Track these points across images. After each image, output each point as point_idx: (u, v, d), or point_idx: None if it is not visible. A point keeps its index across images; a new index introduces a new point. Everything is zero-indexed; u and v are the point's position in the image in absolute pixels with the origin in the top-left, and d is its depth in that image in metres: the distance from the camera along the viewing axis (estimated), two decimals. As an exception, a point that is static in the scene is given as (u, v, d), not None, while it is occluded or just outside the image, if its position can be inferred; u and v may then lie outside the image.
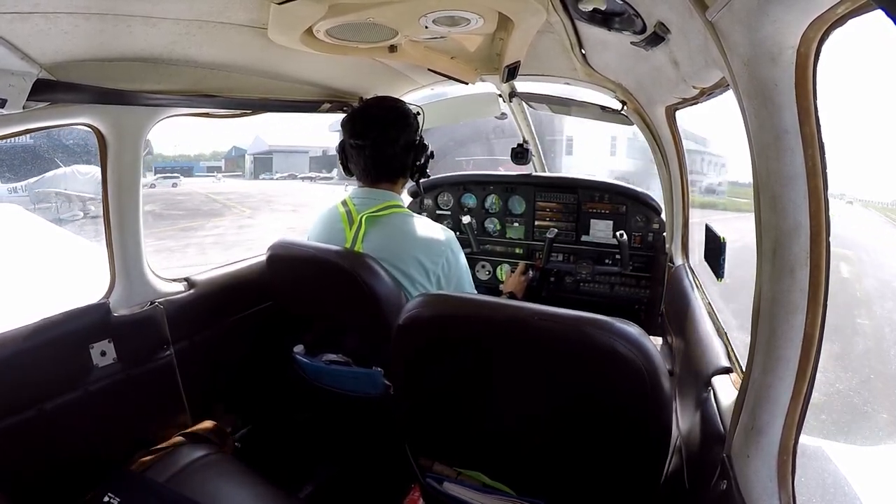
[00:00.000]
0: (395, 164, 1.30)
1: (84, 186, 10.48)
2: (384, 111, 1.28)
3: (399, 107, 1.30)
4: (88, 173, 10.65)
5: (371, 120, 1.27)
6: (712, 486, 0.69)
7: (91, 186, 10.38)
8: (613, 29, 0.94)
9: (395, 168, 1.31)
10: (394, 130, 1.27)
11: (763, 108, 0.57)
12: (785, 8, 0.50)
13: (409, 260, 1.24)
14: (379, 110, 1.29)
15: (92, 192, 10.25)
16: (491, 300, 0.88)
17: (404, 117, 1.29)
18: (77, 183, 10.57)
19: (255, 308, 1.55)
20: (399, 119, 1.28)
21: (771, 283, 0.59)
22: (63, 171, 10.76)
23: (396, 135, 1.27)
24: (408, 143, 1.30)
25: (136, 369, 1.25)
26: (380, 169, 1.30)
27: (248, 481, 1.17)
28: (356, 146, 1.29)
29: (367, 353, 1.29)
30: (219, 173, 27.20)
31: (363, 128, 1.27)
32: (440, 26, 1.04)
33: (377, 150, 1.28)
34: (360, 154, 1.29)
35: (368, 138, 1.27)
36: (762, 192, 0.59)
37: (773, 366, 0.60)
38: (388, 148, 1.27)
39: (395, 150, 1.28)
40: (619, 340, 0.74)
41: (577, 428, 0.85)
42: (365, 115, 1.29)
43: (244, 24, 1.00)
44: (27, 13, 0.75)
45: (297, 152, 26.89)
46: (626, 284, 1.99)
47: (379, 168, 1.30)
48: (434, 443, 1.04)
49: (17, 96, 0.87)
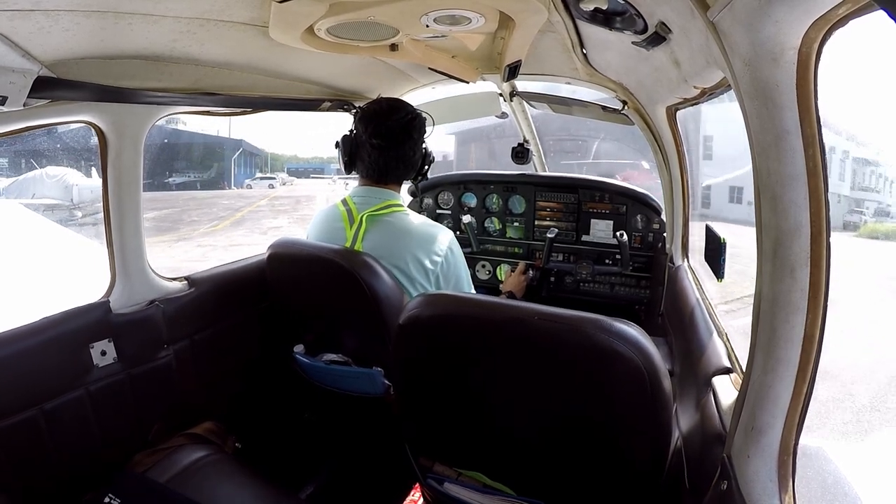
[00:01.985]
0: (409, 168, 1.34)
1: (51, 191, 9.71)
2: (410, 116, 1.31)
3: (419, 114, 1.33)
4: (56, 176, 9.96)
5: (397, 123, 1.28)
6: (712, 486, 0.69)
7: (57, 191, 9.62)
8: (615, 29, 0.94)
9: (400, 172, 1.34)
10: (409, 140, 1.30)
11: (764, 109, 0.57)
12: (786, 8, 0.50)
13: (409, 258, 1.24)
14: (405, 114, 1.30)
15: (59, 197, 9.51)
16: (491, 300, 0.88)
17: (422, 126, 1.34)
18: (44, 188, 9.83)
19: (255, 307, 1.55)
20: (420, 127, 1.33)
21: (771, 283, 0.59)
22: (34, 175, 10.13)
23: (412, 144, 1.31)
24: (413, 150, 1.33)
25: (136, 369, 1.25)
26: (393, 171, 1.32)
27: (249, 481, 1.17)
28: (377, 146, 1.28)
29: (367, 353, 1.29)
30: (336, 175, 27.95)
31: (388, 130, 1.28)
32: (441, 25, 1.04)
33: (398, 153, 1.30)
34: (380, 154, 1.29)
35: (392, 140, 1.28)
36: (762, 192, 0.59)
37: (773, 366, 0.60)
38: (409, 153, 1.31)
39: (412, 156, 1.32)
40: (619, 340, 0.74)
41: (578, 428, 0.85)
42: (390, 117, 1.29)
43: (245, 23, 0.99)
44: (28, 10, 0.75)
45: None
46: (626, 284, 1.99)
47: (392, 170, 1.32)
48: (434, 443, 1.04)
49: (18, 94, 0.86)
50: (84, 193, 9.80)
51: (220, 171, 24.30)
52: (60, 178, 10.00)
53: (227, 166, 24.43)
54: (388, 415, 1.24)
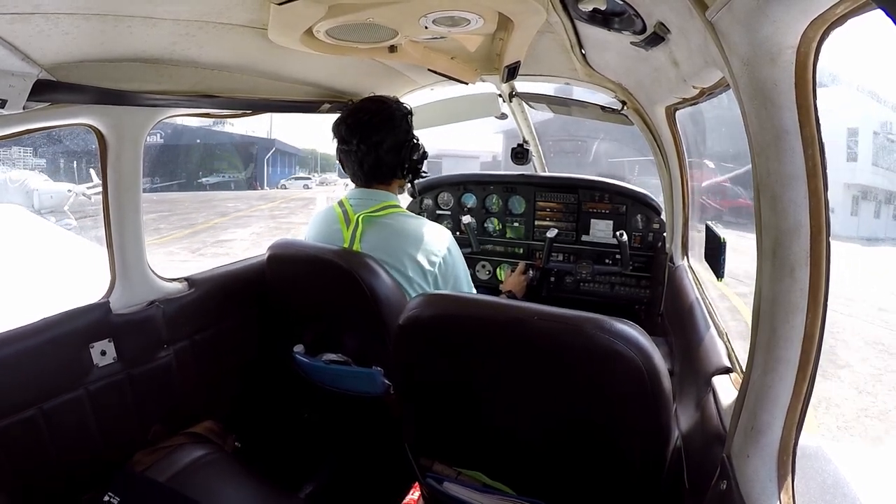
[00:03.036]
0: (382, 166, 1.30)
1: (13, 197, 9.12)
2: (368, 115, 1.28)
3: (383, 109, 1.29)
4: (18, 181, 9.48)
5: (355, 124, 1.27)
6: (712, 486, 0.69)
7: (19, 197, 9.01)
8: (613, 29, 0.94)
9: (383, 171, 1.31)
10: (377, 134, 1.26)
11: (763, 109, 0.57)
12: (784, 8, 0.50)
13: (406, 260, 1.24)
14: (363, 114, 1.28)
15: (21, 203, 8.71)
16: (491, 300, 0.88)
17: (389, 120, 1.28)
18: (7, 193, 9.28)
19: (255, 308, 1.55)
20: (384, 122, 1.27)
21: (771, 283, 0.59)
22: (-5, 181, 9.51)
23: (381, 138, 1.26)
24: (395, 145, 1.29)
25: (136, 369, 1.25)
26: (368, 171, 1.31)
27: (249, 481, 1.17)
28: (343, 151, 1.30)
29: (367, 353, 1.29)
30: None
31: (348, 132, 1.27)
32: (440, 26, 1.04)
33: (363, 154, 1.28)
34: (348, 158, 1.31)
35: (352, 143, 1.27)
36: (762, 192, 0.59)
37: (773, 366, 0.60)
38: (372, 151, 1.27)
39: (379, 154, 1.28)
40: (619, 340, 0.74)
41: (577, 427, 0.85)
42: (350, 120, 1.29)
43: (244, 25, 1.00)
44: (28, 14, 0.75)
45: (468, 157, 24.86)
46: (626, 284, 1.99)
47: (367, 171, 1.30)
48: (434, 442, 1.04)
49: (18, 97, 0.87)
50: (45, 199, 9.46)
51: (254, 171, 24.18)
52: (22, 184, 9.63)
53: (260, 166, 24.37)
54: (387, 414, 1.25)
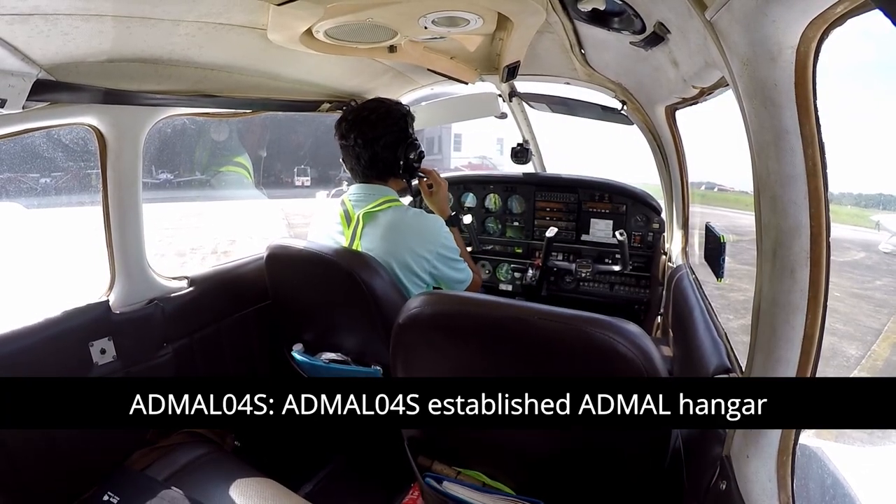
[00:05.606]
0: (378, 162, 1.34)
1: None
2: (367, 112, 1.33)
3: (381, 108, 1.34)
4: None
5: (354, 121, 1.32)
6: (712, 486, 0.69)
7: None
8: (613, 29, 0.94)
9: (379, 167, 1.34)
10: (374, 130, 1.31)
11: (763, 109, 0.56)
12: (784, 8, 0.50)
13: (406, 252, 1.26)
14: (362, 111, 1.34)
15: None
16: (491, 299, 0.88)
17: (386, 117, 1.33)
18: None
19: (254, 307, 1.55)
20: (381, 119, 1.32)
21: (771, 283, 0.59)
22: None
23: (377, 134, 1.31)
24: (392, 142, 1.33)
25: (135, 367, 1.25)
26: (366, 167, 1.34)
27: (247, 479, 1.17)
28: (343, 146, 1.35)
29: (366, 352, 1.29)
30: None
31: (347, 128, 1.33)
32: (439, 27, 1.04)
33: (360, 149, 1.32)
34: (347, 153, 1.35)
35: (351, 138, 1.32)
36: (762, 192, 0.59)
37: (773, 366, 0.60)
38: (369, 146, 1.32)
39: (375, 149, 1.32)
40: (619, 340, 0.74)
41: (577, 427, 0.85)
42: (350, 116, 1.34)
43: (244, 26, 0.99)
44: (27, 15, 0.75)
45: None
46: (626, 284, 1.99)
47: (364, 165, 1.34)
48: (433, 442, 1.04)
49: (17, 96, 0.87)
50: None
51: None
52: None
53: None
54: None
